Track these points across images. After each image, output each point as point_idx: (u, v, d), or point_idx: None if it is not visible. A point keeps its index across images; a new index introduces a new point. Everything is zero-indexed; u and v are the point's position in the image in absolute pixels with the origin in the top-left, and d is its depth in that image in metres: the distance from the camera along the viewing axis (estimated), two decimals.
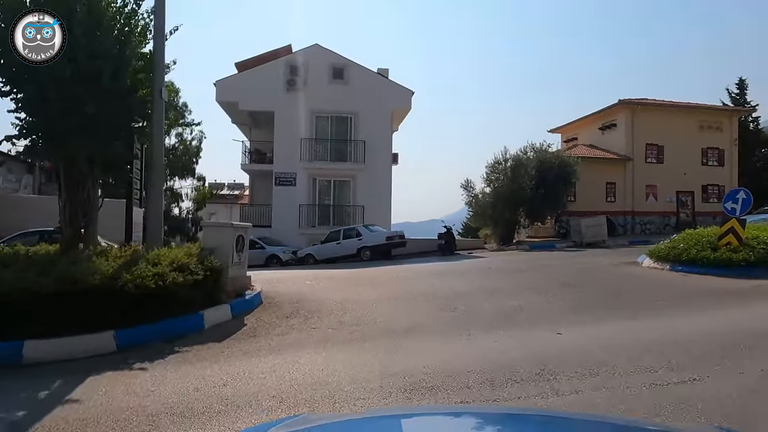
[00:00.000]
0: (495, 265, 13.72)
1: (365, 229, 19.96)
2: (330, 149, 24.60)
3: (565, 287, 9.06)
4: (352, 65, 24.79)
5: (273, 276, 11.71)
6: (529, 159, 22.90)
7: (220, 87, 24.16)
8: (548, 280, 9.99)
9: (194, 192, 33.51)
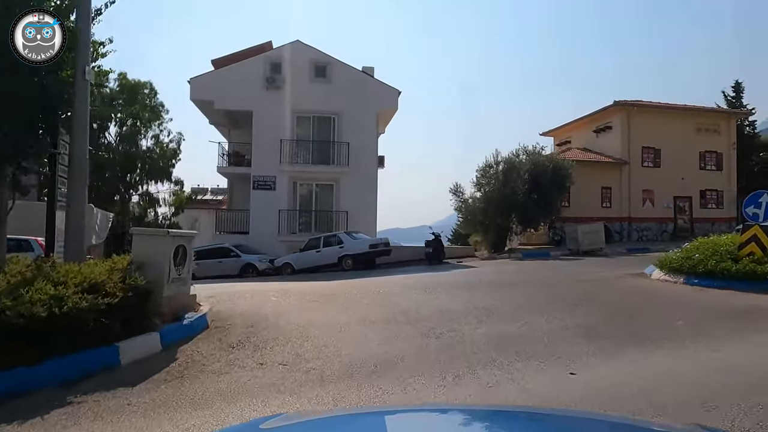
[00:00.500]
0: (487, 276, 12.43)
1: (347, 236, 18.60)
2: (312, 151, 23.27)
3: (569, 306, 7.76)
4: (336, 63, 23.52)
5: (238, 290, 10.32)
6: (521, 162, 21.73)
7: (195, 85, 22.76)
8: (548, 296, 8.69)
9: (172, 197, 31.88)
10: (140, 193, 30.36)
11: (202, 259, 20.77)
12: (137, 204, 30.15)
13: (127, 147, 28.37)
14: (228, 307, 8.06)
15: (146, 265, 6.10)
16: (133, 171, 28.71)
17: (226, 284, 12.29)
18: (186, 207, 31.61)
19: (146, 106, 28.67)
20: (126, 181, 28.72)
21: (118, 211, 28.66)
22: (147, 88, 28.53)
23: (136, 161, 28.19)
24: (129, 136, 28.53)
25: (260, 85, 22.77)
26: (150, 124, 29.50)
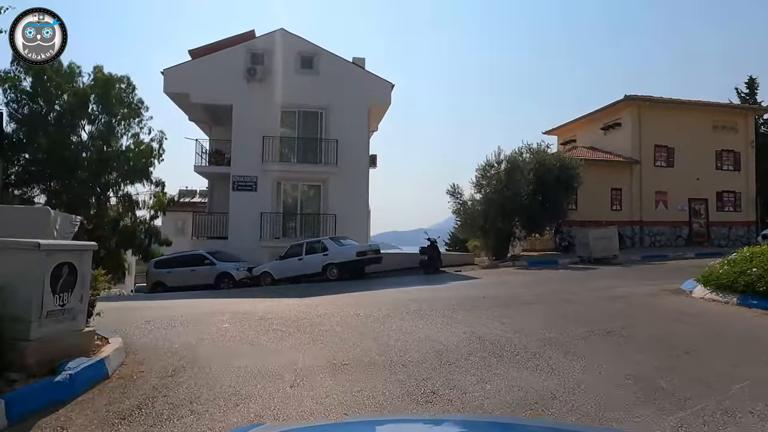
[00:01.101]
0: (491, 290, 10.52)
1: (332, 242, 16.67)
2: (297, 149, 21.35)
3: (606, 340, 5.87)
4: (323, 53, 21.64)
5: (189, 311, 8.40)
6: (525, 161, 19.85)
7: (170, 76, 20.89)
8: (574, 323, 6.79)
9: (153, 199, 29.84)
10: (120, 195, 28.35)
11: (173, 267, 18.94)
12: (115, 207, 28.12)
13: (102, 146, 26.39)
14: (156, 340, 6.16)
15: (5, 292, 4.18)
16: (108, 171, 26.70)
17: (182, 301, 10.38)
18: (171, 210, 29.53)
19: (123, 102, 26.72)
20: (101, 182, 26.69)
21: (95, 214, 26.76)
22: (123, 82, 26.53)
23: (110, 161, 26.17)
24: (103, 134, 26.55)
25: (241, 77, 20.89)
26: (129, 122, 27.57)
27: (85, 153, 26.36)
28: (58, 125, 24.91)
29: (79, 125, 25.88)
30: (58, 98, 24.95)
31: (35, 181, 25.24)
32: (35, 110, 24.76)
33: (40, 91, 24.49)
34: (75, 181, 25.61)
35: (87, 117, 25.84)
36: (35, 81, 24.17)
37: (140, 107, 27.97)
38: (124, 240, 28.14)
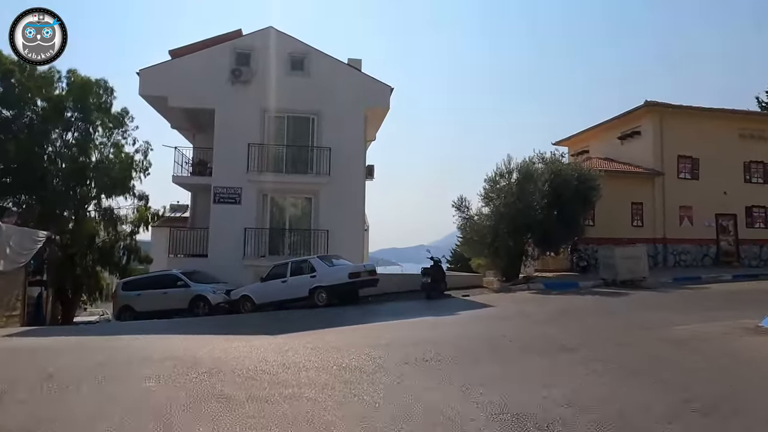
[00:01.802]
0: (512, 325, 8.38)
1: (321, 262, 14.54)
2: (286, 158, 19.33)
3: (703, 420, 3.74)
4: (315, 53, 19.77)
5: (125, 353, 6.30)
6: (539, 171, 17.81)
7: (146, 77, 18.94)
8: (652, 388, 4.64)
9: (135, 213, 27.69)
10: (101, 209, 26.24)
11: (144, 288, 16.78)
12: (92, 222, 25.97)
13: (77, 156, 24.37)
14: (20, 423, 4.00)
15: None
16: (84, 183, 24.64)
17: (129, 338, 8.22)
18: (161, 225, 27.42)
19: (101, 109, 24.80)
20: (76, 194, 24.59)
21: (71, 229, 24.65)
22: (101, 87, 24.64)
23: (86, 172, 24.14)
24: (79, 143, 24.56)
25: (224, 79, 19.02)
26: (111, 131, 25.60)
27: (58, 163, 24.40)
28: (29, 133, 22.98)
29: (52, 133, 23.95)
30: (29, 103, 23.07)
31: (6, 192, 23.23)
32: (3, 117, 22.86)
33: (9, 97, 22.61)
34: (46, 193, 23.59)
35: (62, 124, 23.93)
36: (3, 85, 22.31)
37: (124, 116, 26.14)
38: (101, 257, 26.08)
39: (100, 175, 24.81)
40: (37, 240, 17.95)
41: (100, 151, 25.41)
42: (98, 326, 12.07)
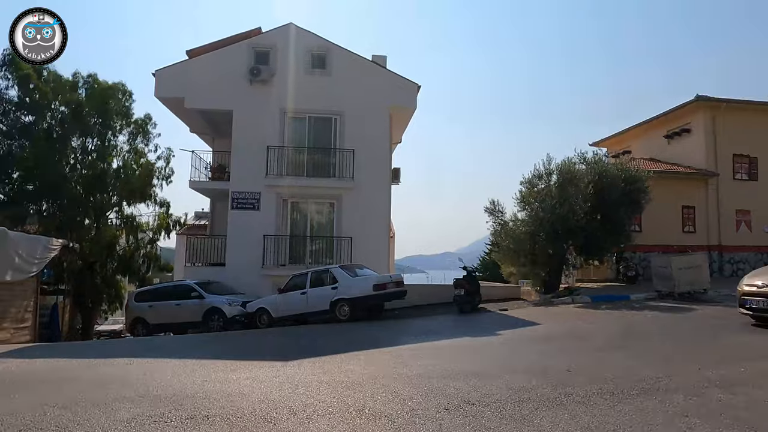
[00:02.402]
0: (570, 356, 6.93)
1: (344, 272, 13.30)
2: (307, 161, 18.23)
3: None
4: (337, 50, 18.68)
5: (95, 390, 5.13)
6: (582, 172, 16.27)
7: (162, 78, 18.11)
8: None
9: (156, 221, 27.08)
10: (123, 216, 25.71)
11: (157, 300, 15.84)
12: (112, 230, 25.42)
13: (96, 162, 23.86)
14: None
15: None
16: (104, 190, 24.09)
17: (120, 363, 7.12)
18: (184, 233, 26.72)
19: (119, 113, 24.28)
20: (96, 201, 24.06)
21: (93, 237, 24.12)
22: (119, 91, 24.14)
23: (105, 178, 23.58)
24: (98, 149, 24.07)
25: (243, 79, 18.04)
26: (135, 138, 25.06)
27: (77, 170, 23.94)
28: (48, 139, 22.55)
29: (71, 139, 23.50)
30: (49, 109, 22.67)
31: (27, 199, 22.83)
32: (23, 123, 22.51)
33: (29, 102, 22.25)
34: (66, 200, 23.12)
35: (81, 130, 23.46)
36: (22, 90, 21.95)
37: (147, 123, 25.62)
38: (121, 266, 25.49)
39: (120, 181, 24.29)
40: (50, 248, 17.20)
41: (123, 157, 24.95)
42: (100, 345, 11.08)
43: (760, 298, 8.30)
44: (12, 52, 21.43)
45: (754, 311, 8.42)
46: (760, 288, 8.46)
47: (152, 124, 25.77)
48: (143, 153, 25.42)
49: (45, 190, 22.50)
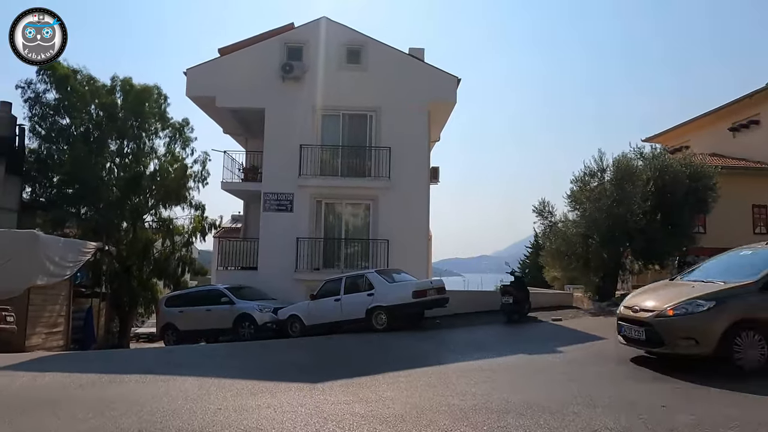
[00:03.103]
0: (660, 386, 5.74)
1: (381, 277, 12.35)
2: (342, 160, 17.44)
3: None
4: (373, 44, 17.82)
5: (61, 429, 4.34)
6: (640, 168, 14.84)
7: (193, 77, 17.69)
8: None
9: (191, 224, 26.83)
10: (160, 219, 25.57)
11: (187, 305, 15.32)
12: (148, 232, 25.29)
13: (132, 165, 23.76)
14: None
15: None
16: (140, 193, 23.96)
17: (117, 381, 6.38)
18: (221, 236, 26.41)
19: (155, 115, 24.14)
20: (132, 204, 23.94)
21: (130, 240, 24.05)
22: (155, 93, 24.00)
23: (141, 181, 23.43)
24: (134, 151, 23.97)
25: (275, 76, 17.40)
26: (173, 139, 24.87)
27: (114, 172, 23.91)
28: (85, 142, 22.57)
29: (109, 142, 23.48)
30: (85, 112, 22.68)
31: (66, 202, 22.92)
32: (61, 125, 22.59)
33: (66, 105, 22.32)
34: (102, 202, 23.08)
35: (117, 133, 23.41)
36: (59, 92, 22.02)
37: (184, 127, 25.45)
38: (157, 269, 25.34)
39: (158, 184, 24.15)
40: (84, 251, 16.98)
41: (160, 159, 24.83)
42: (121, 356, 10.49)
43: (633, 326, 6.55)
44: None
45: (628, 341, 6.76)
46: (635, 313, 6.60)
47: (190, 129, 25.55)
48: (179, 157, 25.19)
49: (83, 193, 22.50)
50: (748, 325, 5.90)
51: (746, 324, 5.90)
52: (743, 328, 5.88)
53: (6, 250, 12.92)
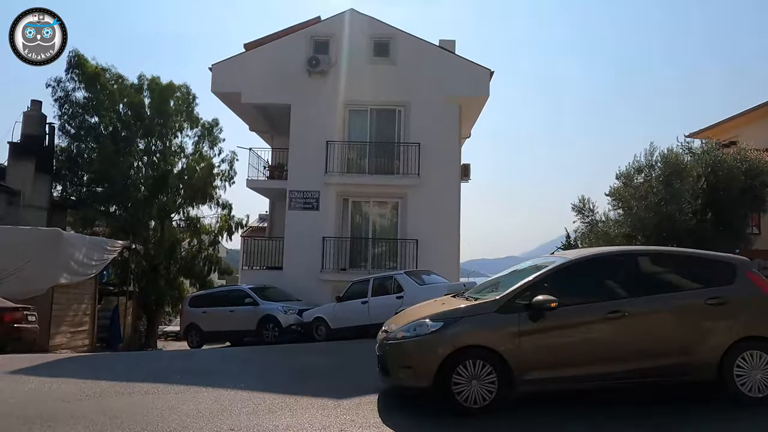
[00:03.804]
0: None
1: (410, 279, 11.68)
2: (369, 157, 16.87)
3: None
4: (401, 37, 17.20)
5: None
6: (691, 164, 13.78)
7: (219, 73, 17.38)
8: None
9: (218, 223, 26.66)
10: (188, 218, 25.48)
11: (211, 305, 14.95)
12: (175, 231, 25.21)
13: (160, 163, 23.69)
14: None
15: None
16: (167, 191, 23.87)
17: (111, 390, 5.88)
18: (249, 235, 26.19)
19: (181, 113, 24.02)
20: (159, 203, 23.87)
21: (158, 239, 24.02)
22: (182, 91, 23.87)
23: (167, 180, 23.32)
24: (160, 150, 23.91)
25: (301, 71, 16.93)
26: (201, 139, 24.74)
27: (141, 171, 23.89)
28: (113, 140, 22.58)
29: (136, 141, 23.46)
30: (113, 110, 22.69)
31: (96, 201, 23.00)
32: (89, 124, 22.65)
33: (94, 103, 22.36)
34: (130, 201, 23.08)
35: (144, 131, 23.37)
36: (88, 91, 22.06)
37: (213, 127, 25.31)
38: (183, 268, 25.24)
39: (186, 183, 24.04)
40: (109, 250, 16.85)
41: (187, 158, 24.73)
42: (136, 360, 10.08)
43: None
44: (77, 54, 21.90)
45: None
46: (381, 336, 5.47)
47: (218, 129, 25.40)
48: (207, 157, 25.03)
49: (112, 191, 22.53)
50: (477, 353, 4.72)
51: (474, 353, 4.73)
52: (470, 356, 4.70)
53: (29, 248, 12.74)
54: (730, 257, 5.78)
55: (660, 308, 5.04)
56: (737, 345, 4.89)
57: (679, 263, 5.71)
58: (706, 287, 5.20)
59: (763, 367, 4.85)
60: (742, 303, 5.09)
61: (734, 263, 5.43)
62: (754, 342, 4.92)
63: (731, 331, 4.95)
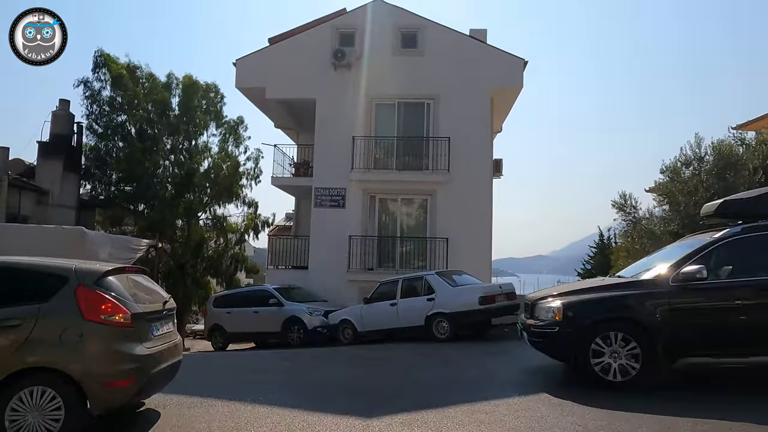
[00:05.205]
0: None
1: (441, 280, 11.00)
2: (397, 152, 16.22)
3: None
4: (430, 27, 16.49)
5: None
6: (746, 156, 12.70)
7: (243, 68, 17.00)
8: None
9: (244, 222, 26.45)
10: (214, 217, 25.35)
11: (235, 306, 14.56)
12: (201, 230, 25.09)
13: (186, 162, 23.57)
14: None
15: None
16: (193, 190, 23.75)
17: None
18: (276, 234, 25.94)
19: (208, 112, 23.85)
20: (186, 201, 23.74)
21: (185, 238, 23.94)
22: (212, 91, 23.73)
23: (194, 179, 23.18)
24: (187, 149, 23.79)
25: (326, 65, 16.40)
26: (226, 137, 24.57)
27: (168, 169, 23.82)
28: (140, 139, 22.55)
29: (163, 140, 23.38)
30: (142, 109, 22.65)
31: (125, 200, 23.04)
32: (117, 123, 22.65)
33: (121, 102, 22.35)
34: (157, 200, 23.03)
35: (170, 129, 23.28)
36: (116, 90, 22.04)
37: (239, 125, 25.11)
38: (210, 267, 25.11)
39: (212, 181, 23.89)
40: (134, 248, 16.61)
41: (213, 157, 24.58)
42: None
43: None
44: (103, 53, 21.90)
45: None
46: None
47: (243, 127, 25.18)
48: (232, 156, 24.81)
49: (140, 190, 22.50)
50: None
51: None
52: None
53: (53, 246, 12.54)
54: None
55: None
56: None
57: None
58: None
59: None
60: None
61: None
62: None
63: None
